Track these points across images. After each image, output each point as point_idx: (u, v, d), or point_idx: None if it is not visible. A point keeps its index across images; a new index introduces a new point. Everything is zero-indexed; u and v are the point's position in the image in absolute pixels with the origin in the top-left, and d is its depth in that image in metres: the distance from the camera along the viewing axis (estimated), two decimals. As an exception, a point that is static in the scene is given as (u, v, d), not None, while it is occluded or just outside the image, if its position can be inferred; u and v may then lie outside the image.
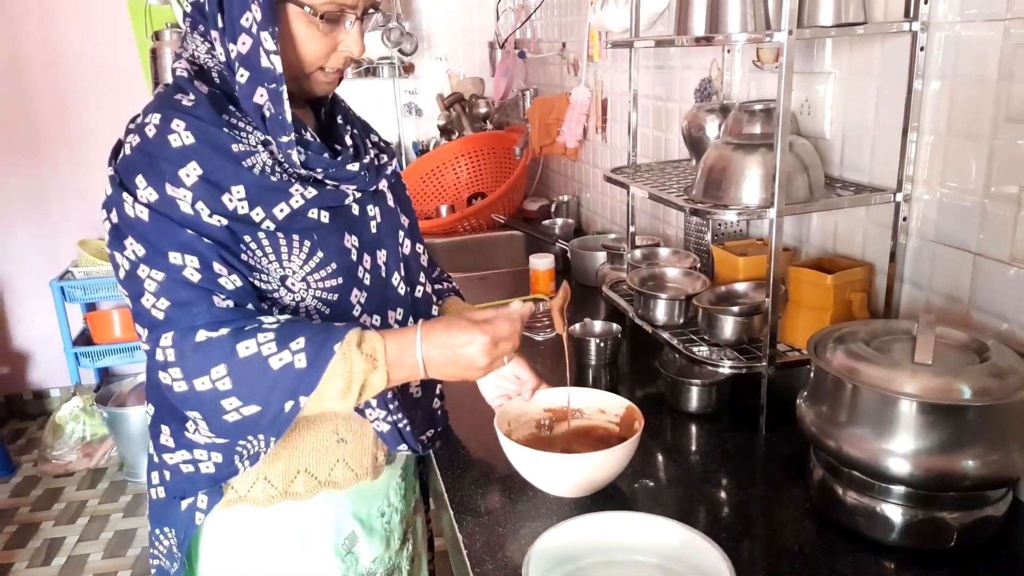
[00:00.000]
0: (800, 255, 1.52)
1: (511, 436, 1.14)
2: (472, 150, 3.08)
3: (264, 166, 0.96)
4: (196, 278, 0.91)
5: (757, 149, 1.26)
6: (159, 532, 1.10)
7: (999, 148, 1.07)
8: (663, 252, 1.73)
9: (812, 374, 1.06)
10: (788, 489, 1.14)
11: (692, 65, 1.84)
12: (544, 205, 2.90)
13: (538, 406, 1.23)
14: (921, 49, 1.16)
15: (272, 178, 0.96)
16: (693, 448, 1.29)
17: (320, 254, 1.00)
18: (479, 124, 3.37)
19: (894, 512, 0.97)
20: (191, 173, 0.92)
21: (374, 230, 1.09)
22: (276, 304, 0.99)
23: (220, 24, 0.95)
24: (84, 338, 3.50)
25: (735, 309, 1.35)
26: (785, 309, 1.37)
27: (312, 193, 0.99)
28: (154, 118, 0.94)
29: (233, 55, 0.95)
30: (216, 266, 0.92)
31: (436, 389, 1.25)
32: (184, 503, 1.06)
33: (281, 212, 0.96)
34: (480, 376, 1.01)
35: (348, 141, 1.09)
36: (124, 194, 0.93)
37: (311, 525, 1.10)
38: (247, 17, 0.92)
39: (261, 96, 0.95)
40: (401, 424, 1.08)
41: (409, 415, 1.10)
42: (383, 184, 1.12)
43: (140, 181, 0.92)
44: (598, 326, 1.63)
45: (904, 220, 1.24)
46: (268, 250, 0.97)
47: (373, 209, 1.10)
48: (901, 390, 0.93)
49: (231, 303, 0.93)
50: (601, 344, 1.58)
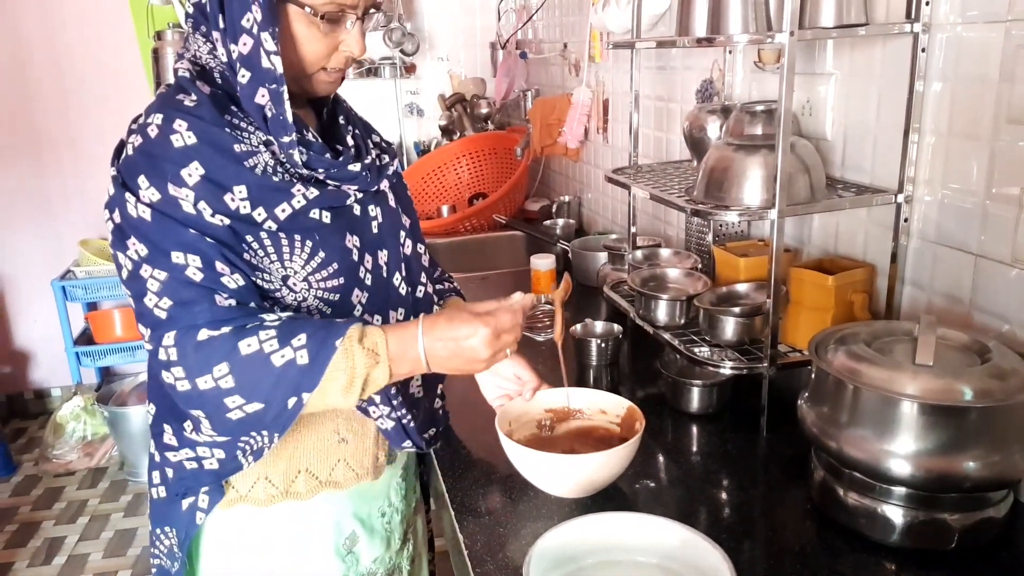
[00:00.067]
0: (801, 256, 1.52)
1: (512, 436, 1.14)
2: (473, 150, 3.08)
3: (266, 166, 0.96)
4: (198, 277, 0.91)
5: (758, 150, 1.26)
6: (160, 532, 1.10)
7: (1000, 149, 1.07)
8: (664, 253, 1.73)
9: (813, 375, 1.06)
10: (789, 490, 1.14)
11: (693, 66, 1.84)
12: (545, 205, 2.90)
13: (539, 406, 1.23)
14: (922, 50, 1.16)
15: (274, 178, 0.96)
16: (694, 449, 1.29)
17: (322, 254, 1.00)
18: (480, 124, 3.37)
19: (895, 513, 0.97)
20: (193, 173, 0.92)
21: (375, 230, 1.09)
22: (278, 304, 1.00)
23: (221, 25, 0.95)
24: (85, 337, 3.50)
25: (736, 310, 1.35)
26: (786, 310, 1.37)
27: (314, 193, 0.99)
28: (156, 118, 0.94)
29: (234, 56, 0.95)
30: (218, 265, 0.92)
31: (437, 389, 1.25)
32: (185, 502, 1.06)
33: (283, 212, 0.97)
34: (483, 369, 1.01)
35: (350, 141, 1.09)
36: (127, 194, 0.93)
37: (312, 525, 1.10)
38: (248, 18, 0.92)
39: (262, 96, 0.95)
40: (405, 420, 1.08)
41: (410, 414, 1.10)
42: (384, 184, 1.12)
43: (142, 181, 0.92)
44: (599, 326, 1.63)
45: (905, 221, 1.24)
46: (270, 250, 0.97)
47: (375, 209, 1.10)
48: (902, 391, 0.93)
49: (233, 302, 0.93)
50: (602, 345, 1.58)
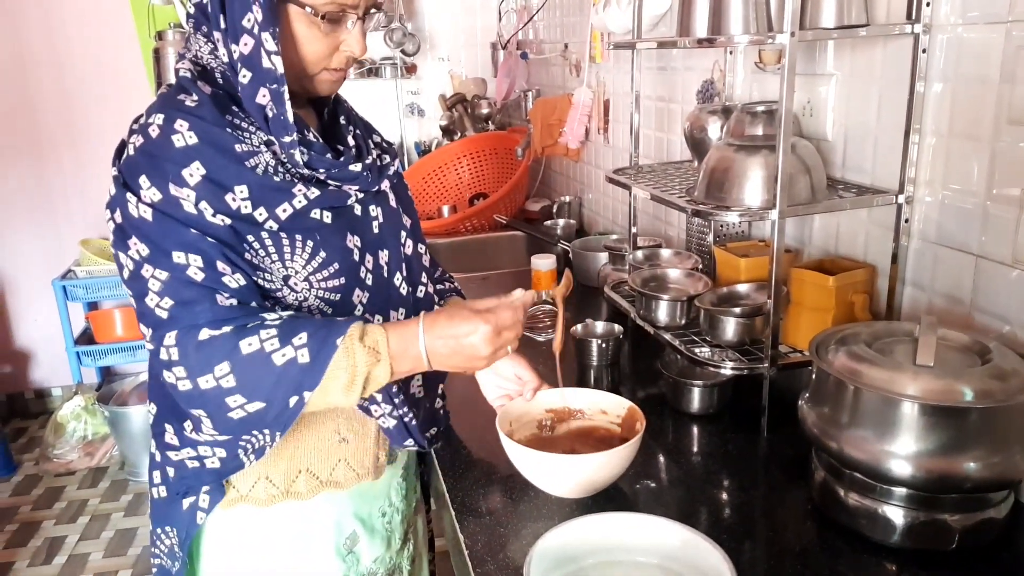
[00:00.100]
0: (802, 256, 1.52)
1: (513, 436, 1.14)
2: (474, 151, 3.08)
3: (267, 166, 0.96)
4: (200, 277, 0.91)
5: (759, 150, 1.27)
6: (160, 531, 1.10)
7: (1001, 150, 1.07)
8: (665, 253, 1.73)
9: (814, 375, 1.06)
10: (789, 490, 1.14)
11: (694, 66, 1.84)
12: (546, 206, 2.90)
13: (540, 406, 1.23)
14: (923, 51, 1.16)
15: (275, 178, 0.96)
16: (695, 449, 1.29)
17: (322, 254, 1.00)
18: (481, 125, 3.37)
19: (895, 514, 0.97)
20: (194, 173, 0.92)
21: (376, 230, 1.10)
22: (279, 303, 1.00)
23: (222, 25, 0.95)
24: (86, 337, 3.50)
25: (737, 310, 1.35)
26: (787, 310, 1.37)
27: (315, 193, 0.99)
28: (157, 118, 0.94)
29: (235, 56, 0.95)
30: (220, 265, 0.92)
31: (438, 389, 1.26)
32: (186, 502, 1.06)
33: (284, 212, 0.97)
34: (484, 366, 1.01)
35: (351, 141, 1.09)
36: (128, 194, 0.93)
37: (312, 525, 1.10)
38: (248, 18, 0.92)
39: (263, 97, 0.95)
40: (407, 418, 1.08)
41: (412, 412, 1.10)
42: (385, 184, 1.12)
43: (144, 181, 0.92)
44: (600, 327, 1.63)
45: (906, 222, 1.24)
46: (271, 250, 0.97)
47: (375, 209, 1.10)
48: (903, 392, 0.93)
49: (234, 301, 0.93)
50: (603, 345, 1.58)
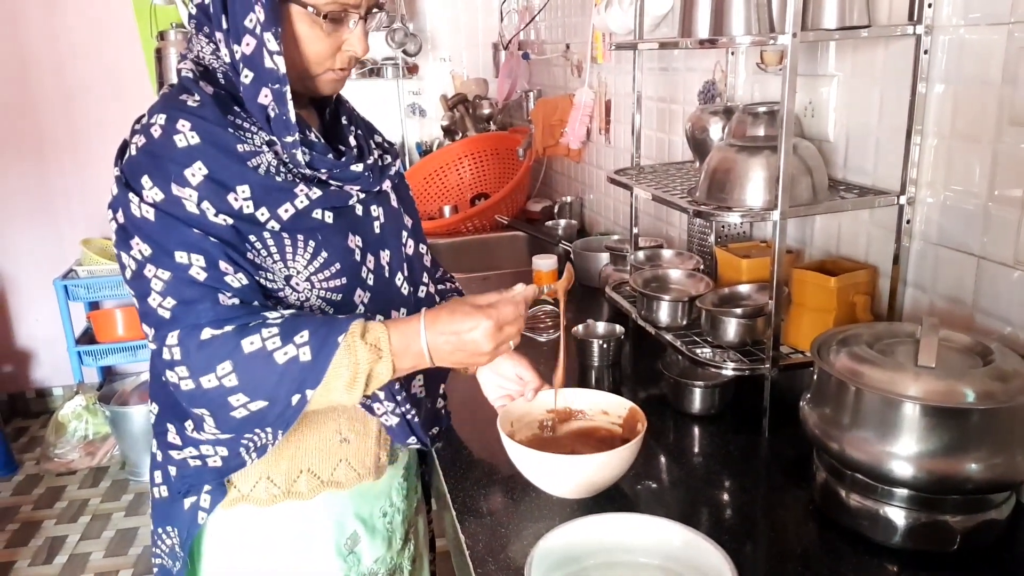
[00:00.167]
0: (803, 257, 1.52)
1: (514, 437, 1.14)
2: (475, 151, 3.08)
3: (269, 166, 0.97)
4: (202, 276, 0.92)
5: (761, 151, 1.27)
6: (161, 531, 1.10)
7: (1003, 151, 1.07)
8: (666, 254, 1.73)
9: (815, 376, 1.06)
10: (791, 491, 1.14)
11: (696, 67, 1.84)
12: (547, 206, 2.90)
13: (541, 407, 1.23)
14: (925, 52, 1.16)
15: (277, 178, 0.97)
16: (696, 450, 1.29)
17: (324, 254, 1.00)
18: (482, 125, 3.37)
19: (897, 515, 0.97)
20: (196, 173, 0.92)
21: (378, 230, 1.10)
22: (281, 303, 1.00)
23: (224, 25, 0.95)
24: (87, 337, 3.50)
25: (738, 311, 1.35)
26: (788, 311, 1.37)
27: (316, 193, 0.99)
28: (159, 118, 0.95)
29: (237, 56, 0.95)
30: (222, 264, 0.93)
31: (439, 389, 1.26)
32: (187, 502, 1.06)
33: (286, 212, 0.97)
34: (486, 362, 1.01)
35: (352, 142, 1.09)
36: (130, 194, 0.93)
37: (313, 525, 1.10)
38: (251, 18, 0.93)
39: (265, 97, 0.95)
40: (410, 416, 1.08)
41: (413, 411, 1.10)
42: (387, 185, 1.12)
43: (146, 181, 0.93)
44: (601, 327, 1.63)
45: (908, 223, 1.24)
46: (273, 250, 0.97)
47: (377, 210, 1.10)
48: (904, 393, 0.92)
49: (236, 301, 0.93)
50: (604, 345, 1.58)
